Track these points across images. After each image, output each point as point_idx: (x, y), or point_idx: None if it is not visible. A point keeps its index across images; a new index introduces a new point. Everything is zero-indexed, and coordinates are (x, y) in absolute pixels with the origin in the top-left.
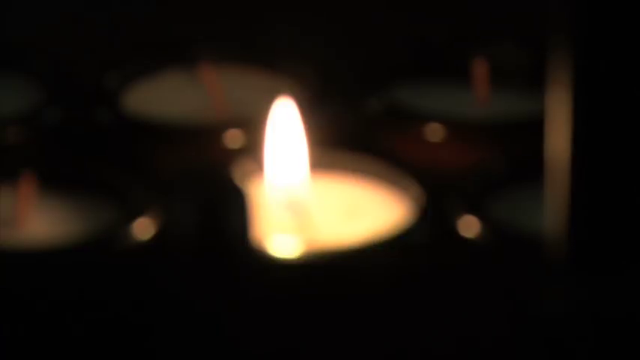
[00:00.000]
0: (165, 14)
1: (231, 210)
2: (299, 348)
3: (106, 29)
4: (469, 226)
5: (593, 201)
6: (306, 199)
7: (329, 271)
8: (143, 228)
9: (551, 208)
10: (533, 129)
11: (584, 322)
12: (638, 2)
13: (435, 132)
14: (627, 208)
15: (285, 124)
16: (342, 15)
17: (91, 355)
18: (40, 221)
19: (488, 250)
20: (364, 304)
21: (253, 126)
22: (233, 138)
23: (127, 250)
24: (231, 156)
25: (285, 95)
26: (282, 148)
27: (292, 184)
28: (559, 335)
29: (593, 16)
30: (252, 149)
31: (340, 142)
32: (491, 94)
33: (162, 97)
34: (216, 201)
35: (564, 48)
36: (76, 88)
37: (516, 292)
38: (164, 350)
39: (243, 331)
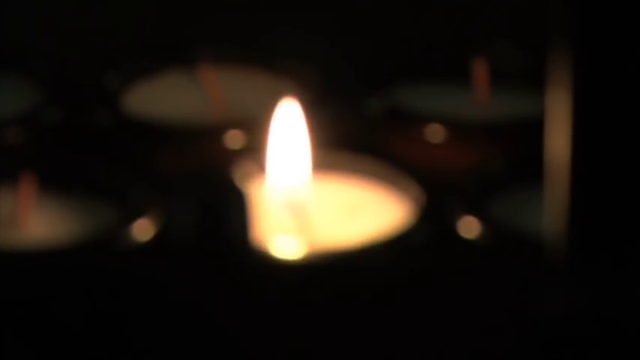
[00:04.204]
0: (165, 14)
1: (231, 211)
2: (300, 348)
3: (106, 29)
4: (469, 227)
5: (593, 201)
6: (307, 200)
7: (330, 271)
8: (143, 229)
9: (551, 208)
10: (533, 129)
11: (584, 322)
12: (638, 2)
13: (435, 133)
14: (627, 208)
15: (285, 125)
16: (343, 15)
17: (91, 356)
18: (40, 221)
19: (489, 251)
20: (365, 304)
21: (254, 127)
22: (233, 139)
23: (126, 251)
24: (232, 157)
25: (286, 96)
26: (283, 149)
27: (293, 185)
28: (559, 335)
29: (593, 16)
30: (252, 150)
31: (341, 143)
32: (492, 95)
33: (163, 97)
34: (216, 202)
35: (564, 48)
36: (76, 88)
37: (516, 292)
38: (164, 351)
39: (244, 331)
